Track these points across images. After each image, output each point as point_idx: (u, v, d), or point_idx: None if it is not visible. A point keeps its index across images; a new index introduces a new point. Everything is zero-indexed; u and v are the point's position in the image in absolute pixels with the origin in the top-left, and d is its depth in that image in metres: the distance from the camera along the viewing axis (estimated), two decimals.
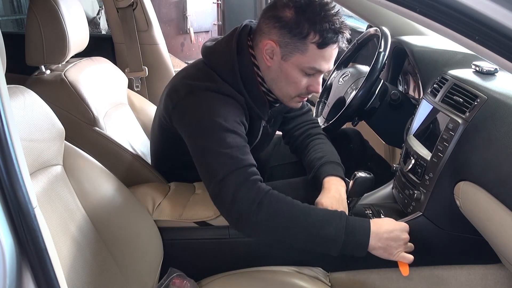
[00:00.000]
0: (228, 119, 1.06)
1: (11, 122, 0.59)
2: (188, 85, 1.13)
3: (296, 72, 1.10)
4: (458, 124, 1.02)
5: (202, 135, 1.07)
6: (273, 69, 1.12)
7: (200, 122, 1.08)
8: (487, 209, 0.93)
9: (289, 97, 1.16)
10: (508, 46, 0.60)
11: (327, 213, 1.03)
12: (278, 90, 1.16)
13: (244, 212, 0.99)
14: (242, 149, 1.06)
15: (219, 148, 1.03)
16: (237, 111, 1.11)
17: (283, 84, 1.13)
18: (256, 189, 1.01)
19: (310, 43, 1.06)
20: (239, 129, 1.08)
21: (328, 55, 1.09)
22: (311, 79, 1.12)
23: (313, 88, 1.14)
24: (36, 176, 0.89)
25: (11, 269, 0.60)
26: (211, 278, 1.16)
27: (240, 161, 1.03)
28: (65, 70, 1.40)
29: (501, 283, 1.19)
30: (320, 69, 1.10)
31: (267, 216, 0.99)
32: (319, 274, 1.18)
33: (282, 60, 1.09)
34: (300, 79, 1.11)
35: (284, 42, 1.07)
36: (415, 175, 1.16)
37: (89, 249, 0.94)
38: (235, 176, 1.01)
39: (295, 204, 1.02)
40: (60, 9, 1.35)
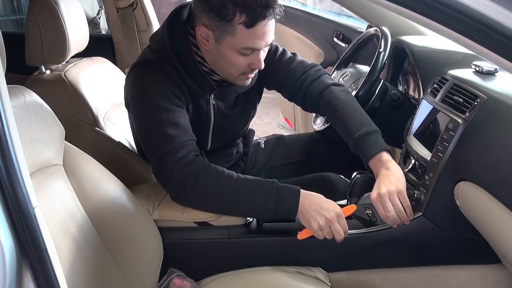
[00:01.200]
0: (161, 97, 1.10)
1: (11, 122, 0.59)
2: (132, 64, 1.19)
3: (231, 53, 1.09)
4: (458, 124, 1.02)
5: (139, 117, 1.14)
6: (211, 52, 1.12)
7: (135, 100, 1.14)
8: (487, 209, 0.93)
9: (233, 76, 1.16)
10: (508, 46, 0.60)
11: (259, 182, 1.08)
12: (221, 71, 1.16)
13: (181, 188, 1.07)
14: (178, 125, 1.09)
15: (154, 127, 1.09)
16: (171, 86, 1.13)
17: (223, 65, 1.13)
18: (193, 164, 1.07)
19: (237, 24, 1.03)
20: (172, 106, 1.11)
21: (260, 32, 1.06)
22: (250, 57, 1.11)
23: (254, 65, 1.12)
24: (36, 176, 0.88)
25: (11, 269, 0.60)
26: (211, 278, 1.16)
27: (176, 138, 1.07)
28: (65, 70, 1.40)
29: (501, 283, 1.19)
30: (255, 48, 1.08)
31: (202, 190, 1.06)
32: (319, 274, 1.18)
33: (216, 43, 1.08)
34: (238, 59, 1.10)
35: (214, 25, 1.06)
36: (415, 175, 1.16)
37: (89, 249, 0.94)
38: (170, 154, 1.06)
39: (229, 175, 1.08)
40: (60, 9, 1.35)
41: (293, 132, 2.47)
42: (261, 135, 1.61)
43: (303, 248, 1.18)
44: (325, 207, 1.05)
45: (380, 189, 1.06)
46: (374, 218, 1.23)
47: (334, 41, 2.11)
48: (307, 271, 1.17)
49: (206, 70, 1.18)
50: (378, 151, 1.11)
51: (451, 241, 1.16)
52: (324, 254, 1.20)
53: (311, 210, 1.05)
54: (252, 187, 1.08)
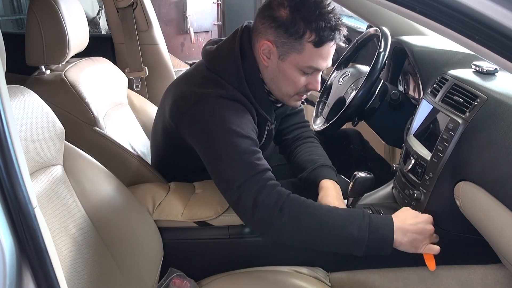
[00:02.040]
0: (241, 125, 1.06)
1: (11, 122, 0.59)
2: (196, 93, 1.11)
3: (294, 71, 1.10)
4: (458, 124, 1.02)
5: (216, 142, 1.06)
6: (271, 69, 1.12)
7: (213, 129, 1.06)
8: (487, 209, 0.93)
9: (288, 96, 1.16)
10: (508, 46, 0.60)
11: (349, 212, 1.03)
12: (278, 90, 1.16)
13: (266, 217, 0.99)
14: (257, 154, 1.06)
15: (234, 154, 1.03)
16: (248, 116, 1.11)
17: (281, 83, 1.13)
18: (276, 193, 1.01)
19: (306, 42, 1.05)
20: (252, 134, 1.08)
21: (325, 53, 1.08)
22: (309, 77, 1.12)
23: (312, 86, 1.14)
24: (36, 176, 0.88)
25: (11, 269, 0.60)
26: (211, 278, 1.16)
27: (257, 166, 1.03)
28: (65, 70, 1.40)
29: (501, 283, 1.19)
30: (318, 68, 1.10)
31: (289, 220, 0.99)
32: (319, 274, 1.18)
33: (279, 60, 1.09)
34: (298, 78, 1.11)
35: (281, 42, 1.07)
36: (415, 175, 1.16)
37: (89, 249, 0.94)
38: (253, 181, 1.01)
39: (316, 206, 1.03)
40: (60, 9, 1.35)
41: None
42: None
43: (303, 248, 1.17)
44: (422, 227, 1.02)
45: None
46: None
47: None
48: (307, 271, 1.17)
49: (266, 91, 1.18)
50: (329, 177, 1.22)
51: (451, 241, 1.16)
52: (324, 254, 1.20)
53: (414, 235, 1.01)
54: (343, 216, 1.01)
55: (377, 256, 1.19)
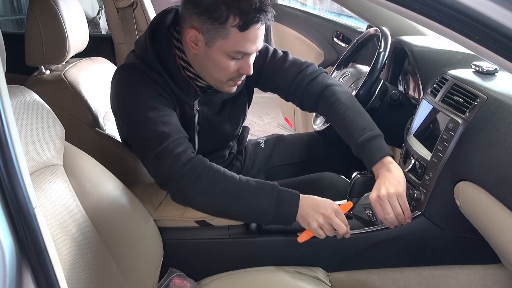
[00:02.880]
0: (147, 97, 1.08)
1: (11, 122, 0.59)
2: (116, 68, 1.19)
3: (222, 57, 1.08)
4: (458, 124, 1.02)
5: (127, 119, 1.12)
6: (200, 56, 1.10)
7: (123, 104, 1.12)
8: (487, 209, 0.93)
9: (220, 82, 1.15)
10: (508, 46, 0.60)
11: (259, 185, 1.07)
12: (209, 76, 1.14)
13: (183, 186, 1.04)
14: (168, 123, 1.07)
15: (145, 125, 1.06)
16: (156, 88, 1.11)
17: (212, 70, 1.11)
18: (194, 161, 1.05)
19: (230, 27, 1.02)
20: (160, 105, 1.09)
21: (252, 36, 1.05)
22: (240, 61, 1.10)
23: (243, 71, 1.12)
24: (36, 176, 0.88)
25: (11, 269, 0.60)
26: (211, 278, 1.16)
27: (169, 135, 1.05)
28: (64, 70, 1.40)
29: (501, 283, 1.19)
30: (246, 52, 1.08)
31: (205, 187, 1.04)
32: (319, 274, 1.18)
33: (206, 46, 1.07)
34: (228, 63, 1.09)
35: (205, 28, 1.04)
36: (415, 175, 1.16)
37: (89, 249, 0.94)
38: (166, 151, 1.04)
39: (229, 177, 1.06)
40: (60, 9, 1.35)
41: (293, 132, 2.47)
42: (261, 135, 1.61)
43: (303, 248, 1.17)
44: (321, 205, 1.05)
45: (379, 191, 1.05)
46: (374, 218, 1.23)
47: (334, 41, 2.12)
48: (307, 271, 1.17)
49: (190, 75, 1.17)
50: (382, 156, 1.10)
51: (451, 241, 1.16)
52: (324, 254, 1.20)
53: (309, 210, 1.05)
54: (254, 188, 1.06)
55: (377, 256, 1.20)
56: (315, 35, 2.21)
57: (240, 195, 1.06)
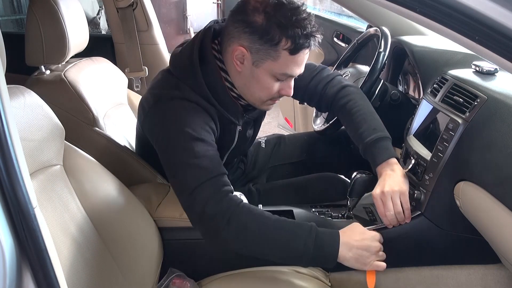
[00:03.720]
0: (196, 127, 1.04)
1: (11, 122, 0.59)
2: (155, 94, 1.11)
3: (267, 78, 1.08)
4: (458, 124, 1.02)
5: (170, 146, 1.05)
6: (244, 74, 1.09)
7: (168, 132, 1.06)
8: (487, 209, 0.93)
9: (260, 101, 1.15)
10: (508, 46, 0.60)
11: (296, 226, 1.02)
12: (250, 95, 1.14)
13: (213, 226, 0.99)
14: (212, 158, 1.04)
15: (188, 158, 1.02)
16: (205, 118, 1.08)
17: (255, 89, 1.11)
18: (226, 202, 1.00)
19: (282, 49, 1.03)
20: (207, 137, 1.06)
21: (300, 60, 1.07)
22: (283, 83, 1.11)
23: (284, 92, 1.12)
24: (36, 176, 0.88)
25: (11, 269, 0.60)
26: (211, 278, 1.16)
27: (210, 171, 1.01)
28: (65, 70, 1.40)
29: (501, 283, 1.19)
30: (292, 74, 1.09)
31: (236, 231, 0.99)
32: (319, 274, 1.18)
33: (253, 66, 1.06)
34: (272, 84, 1.09)
35: (255, 48, 1.04)
36: (415, 175, 1.16)
37: (89, 249, 0.94)
38: (204, 187, 1.00)
39: (265, 217, 1.01)
40: (60, 9, 1.34)
41: (293, 132, 2.47)
42: (261, 135, 1.61)
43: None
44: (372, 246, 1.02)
45: (384, 187, 1.06)
46: (374, 218, 1.23)
47: (334, 41, 2.12)
48: (307, 271, 1.17)
49: (234, 95, 1.16)
50: (388, 157, 1.12)
51: (451, 241, 1.16)
52: None
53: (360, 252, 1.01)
54: (290, 229, 1.01)
55: None
56: None
57: (275, 239, 1.00)
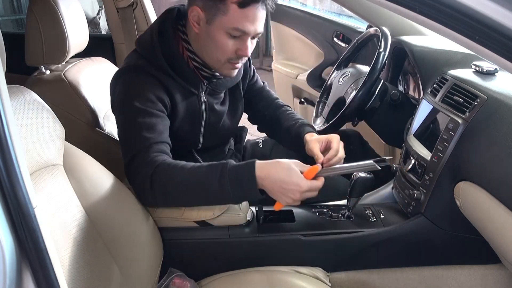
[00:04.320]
0: (141, 98, 1.11)
1: (11, 122, 0.59)
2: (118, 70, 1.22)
3: (221, 35, 1.10)
4: (458, 124, 1.02)
5: (119, 118, 1.16)
6: (201, 35, 1.14)
7: (120, 103, 1.15)
8: (487, 209, 0.93)
9: (219, 63, 1.17)
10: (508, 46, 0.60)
11: (209, 168, 1.05)
12: (208, 57, 1.17)
13: (142, 190, 1.08)
14: (152, 128, 1.10)
15: (130, 128, 1.11)
16: (156, 89, 1.14)
17: (211, 49, 1.14)
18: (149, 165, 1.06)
19: (230, 3, 1.06)
20: (151, 108, 1.12)
21: (251, 15, 1.07)
22: (238, 42, 1.12)
23: (241, 52, 1.14)
24: (36, 176, 0.88)
25: (11, 269, 0.60)
26: (211, 278, 1.16)
27: (145, 140, 1.08)
28: (64, 70, 1.40)
29: (501, 283, 1.19)
30: (244, 30, 1.09)
31: (160, 189, 1.06)
32: (319, 274, 1.18)
33: (207, 24, 1.11)
34: (226, 42, 1.11)
35: (208, 5, 1.08)
36: (415, 175, 1.16)
37: (89, 249, 0.94)
38: (138, 155, 1.08)
39: (179, 169, 1.06)
40: (60, 10, 1.35)
41: None
42: (260, 135, 1.61)
43: (303, 248, 1.18)
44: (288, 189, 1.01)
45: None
46: (374, 218, 1.23)
47: (334, 41, 2.12)
48: (307, 271, 1.17)
49: (196, 65, 1.20)
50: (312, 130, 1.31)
51: (451, 241, 1.16)
52: (324, 254, 1.20)
53: (276, 192, 1.03)
54: (204, 173, 1.05)
55: (377, 256, 1.20)
56: (315, 35, 2.21)
57: (194, 187, 1.05)
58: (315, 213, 1.25)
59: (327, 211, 1.25)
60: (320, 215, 1.24)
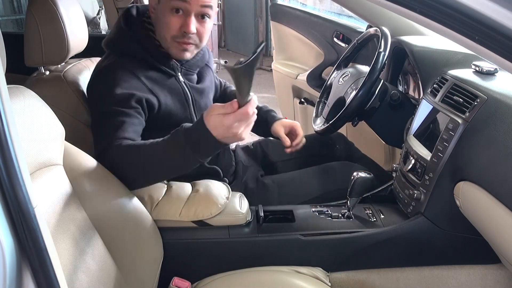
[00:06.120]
0: (115, 94, 1.13)
1: (11, 122, 0.59)
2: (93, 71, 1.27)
3: (166, 12, 1.16)
4: (458, 124, 1.02)
5: (92, 108, 1.23)
6: (156, 17, 1.21)
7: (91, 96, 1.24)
8: (487, 209, 0.93)
9: (166, 42, 1.21)
10: (508, 46, 0.60)
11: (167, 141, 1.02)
12: (160, 38, 1.22)
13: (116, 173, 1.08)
14: (121, 125, 1.11)
15: (102, 121, 1.14)
16: (131, 83, 1.17)
17: (161, 28, 1.20)
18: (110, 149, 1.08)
19: None
20: (124, 105, 1.13)
21: None
22: (182, 19, 1.16)
23: (184, 28, 1.17)
24: (36, 176, 0.88)
25: (11, 269, 0.60)
26: (211, 278, 1.16)
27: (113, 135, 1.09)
28: (64, 71, 1.40)
29: (501, 283, 1.19)
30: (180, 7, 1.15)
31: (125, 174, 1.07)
32: (319, 274, 1.18)
33: (158, 4, 1.18)
34: (170, 19, 1.16)
35: None
36: (415, 175, 1.16)
37: (89, 249, 0.94)
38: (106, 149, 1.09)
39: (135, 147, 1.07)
40: (59, 10, 1.34)
41: None
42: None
43: (303, 248, 1.18)
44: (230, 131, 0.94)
45: None
46: (374, 218, 1.23)
47: (334, 41, 2.11)
48: (307, 271, 1.17)
49: (163, 51, 1.25)
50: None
51: (451, 241, 1.16)
52: (324, 254, 1.20)
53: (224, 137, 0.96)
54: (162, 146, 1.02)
55: (377, 256, 1.20)
56: (315, 35, 2.21)
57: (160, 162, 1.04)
58: (315, 213, 1.25)
59: (327, 211, 1.25)
60: (320, 215, 1.24)
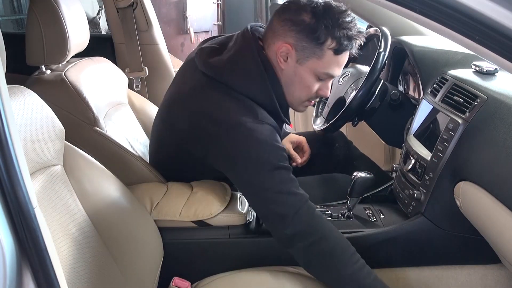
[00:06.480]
0: (274, 153, 1.04)
1: (11, 122, 0.59)
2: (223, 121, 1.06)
3: (309, 76, 1.11)
4: (458, 124, 1.02)
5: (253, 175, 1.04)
6: (286, 72, 1.11)
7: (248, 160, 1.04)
8: (487, 209, 0.93)
9: (299, 101, 1.17)
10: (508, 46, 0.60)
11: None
12: (290, 95, 1.15)
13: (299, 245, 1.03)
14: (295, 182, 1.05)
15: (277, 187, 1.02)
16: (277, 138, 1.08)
17: (296, 88, 1.13)
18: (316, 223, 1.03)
19: (327, 49, 1.07)
20: (285, 160, 1.06)
21: (342, 61, 1.11)
22: (322, 83, 1.14)
23: (322, 92, 1.15)
24: (36, 176, 0.88)
25: (11, 269, 0.60)
26: (211, 278, 1.16)
27: (301, 196, 1.03)
28: (65, 70, 1.40)
29: (501, 283, 1.19)
30: (333, 75, 1.12)
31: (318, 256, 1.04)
32: None
33: (297, 63, 1.09)
34: (313, 83, 1.12)
35: (301, 46, 1.07)
36: (415, 175, 1.16)
37: (89, 249, 0.94)
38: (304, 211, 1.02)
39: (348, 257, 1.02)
40: (61, 9, 1.34)
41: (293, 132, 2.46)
42: None
43: None
44: None
45: None
46: (374, 218, 1.23)
47: None
48: None
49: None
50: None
51: (451, 241, 1.16)
52: None
53: None
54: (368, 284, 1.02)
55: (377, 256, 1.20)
56: None
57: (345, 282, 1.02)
58: None
59: (327, 211, 1.25)
60: None
